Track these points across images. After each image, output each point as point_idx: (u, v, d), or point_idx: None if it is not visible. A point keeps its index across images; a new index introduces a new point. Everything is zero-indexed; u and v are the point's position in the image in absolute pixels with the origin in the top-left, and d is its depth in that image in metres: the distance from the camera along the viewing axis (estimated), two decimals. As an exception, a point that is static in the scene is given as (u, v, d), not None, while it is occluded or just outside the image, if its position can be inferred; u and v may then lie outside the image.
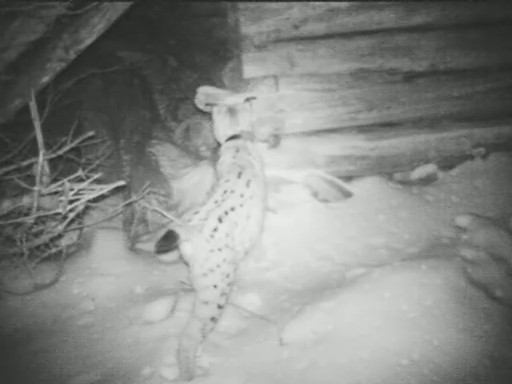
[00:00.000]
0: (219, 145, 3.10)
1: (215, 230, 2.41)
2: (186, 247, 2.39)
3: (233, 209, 2.53)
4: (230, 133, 2.97)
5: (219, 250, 2.41)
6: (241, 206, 2.58)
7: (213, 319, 2.42)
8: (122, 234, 3.39)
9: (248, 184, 2.68)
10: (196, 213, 2.49)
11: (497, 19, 3.56)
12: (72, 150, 3.26)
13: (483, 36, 3.57)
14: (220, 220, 2.45)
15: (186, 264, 2.49)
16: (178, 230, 2.34)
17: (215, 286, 2.40)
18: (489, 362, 2.26)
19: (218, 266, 2.40)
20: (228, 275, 2.44)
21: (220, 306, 2.43)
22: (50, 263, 3.10)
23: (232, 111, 2.99)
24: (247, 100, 3.04)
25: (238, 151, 2.86)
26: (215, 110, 3.04)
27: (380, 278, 2.60)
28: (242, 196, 2.61)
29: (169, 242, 2.33)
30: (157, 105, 5.30)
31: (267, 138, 3.44)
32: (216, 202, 2.53)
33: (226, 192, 2.59)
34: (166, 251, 2.43)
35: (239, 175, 2.69)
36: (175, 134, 4.80)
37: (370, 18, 3.38)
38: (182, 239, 2.35)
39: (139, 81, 5.32)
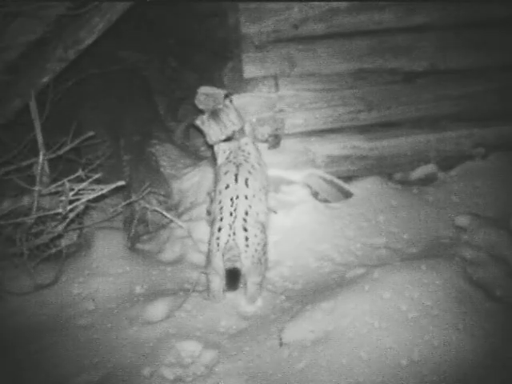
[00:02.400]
0: (211, 147, 3.14)
1: (246, 239, 2.68)
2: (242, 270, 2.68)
3: (246, 213, 2.74)
4: (223, 137, 3.06)
5: (255, 250, 2.71)
6: (250, 207, 2.77)
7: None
8: (122, 233, 3.39)
9: (247, 183, 2.84)
10: (220, 229, 2.69)
11: (497, 19, 3.56)
12: (72, 150, 3.26)
13: (483, 36, 3.57)
14: (245, 229, 2.69)
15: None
16: (237, 265, 2.61)
17: (261, 264, 2.77)
18: (489, 362, 2.26)
19: (259, 259, 2.74)
20: (266, 259, 2.84)
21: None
22: (49, 263, 3.10)
23: (215, 114, 3.04)
24: (226, 97, 3.07)
25: (231, 152, 3.02)
26: (198, 122, 3.12)
27: (380, 278, 2.60)
28: (246, 198, 2.78)
29: (233, 275, 2.62)
30: (157, 105, 5.30)
31: (267, 138, 3.44)
32: (231, 214, 2.72)
33: (232, 200, 2.76)
34: (236, 283, 2.68)
35: (236, 178, 2.84)
36: (175, 134, 4.80)
37: (370, 18, 3.38)
38: (240, 269, 2.63)
39: (139, 81, 5.32)
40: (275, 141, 3.46)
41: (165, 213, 3.42)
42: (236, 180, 2.83)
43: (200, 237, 3.30)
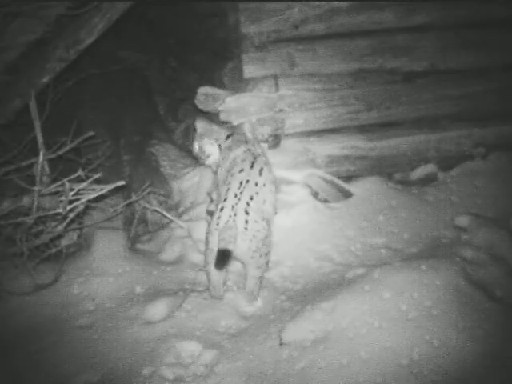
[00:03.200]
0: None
1: (246, 222, 2.69)
2: (235, 252, 2.66)
3: (251, 198, 2.76)
4: (224, 136, 3.13)
5: (254, 236, 2.71)
6: (257, 193, 2.80)
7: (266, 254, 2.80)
8: (122, 233, 3.39)
9: (261, 172, 2.89)
10: (222, 209, 2.72)
11: (497, 19, 3.56)
12: (72, 149, 3.26)
13: (483, 36, 3.57)
14: (246, 212, 2.71)
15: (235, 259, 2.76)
16: (229, 247, 2.59)
17: (260, 256, 2.76)
18: (489, 362, 2.26)
19: (258, 248, 2.73)
20: (267, 254, 2.81)
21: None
22: (50, 263, 3.10)
23: (199, 136, 3.17)
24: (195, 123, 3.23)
25: (247, 142, 3.08)
26: (196, 148, 3.21)
27: (380, 278, 2.60)
28: (256, 184, 2.82)
29: (223, 256, 2.60)
30: (157, 105, 5.30)
31: (267, 138, 3.44)
32: (236, 195, 2.75)
33: (241, 183, 2.80)
34: (224, 265, 2.67)
35: (252, 165, 2.89)
36: (175, 134, 4.80)
37: (370, 17, 3.38)
38: (232, 251, 2.62)
39: (139, 81, 5.32)
40: (275, 141, 3.46)
41: (165, 213, 3.42)
42: (252, 167, 2.88)
43: (200, 237, 3.29)
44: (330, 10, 3.32)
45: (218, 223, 2.69)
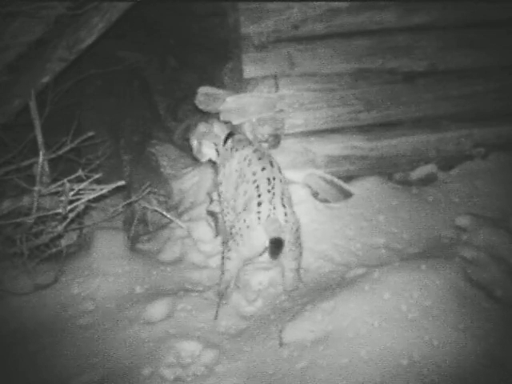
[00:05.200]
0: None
1: (285, 214, 2.73)
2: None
3: (283, 193, 2.80)
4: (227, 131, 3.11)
5: (291, 228, 2.75)
6: (285, 190, 2.83)
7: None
8: (122, 233, 3.39)
9: (279, 170, 2.91)
10: (259, 204, 2.71)
11: (497, 19, 3.56)
12: (72, 150, 3.26)
13: (483, 36, 3.57)
14: (284, 205, 2.75)
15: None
16: (281, 236, 2.65)
17: (296, 247, 2.82)
18: (489, 362, 2.26)
19: (295, 239, 2.80)
20: (300, 244, 2.86)
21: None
22: (50, 263, 3.10)
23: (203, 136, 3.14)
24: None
25: (251, 142, 3.06)
26: (195, 153, 3.23)
27: (380, 278, 2.60)
28: (281, 181, 2.85)
29: (277, 245, 2.65)
30: (157, 105, 5.30)
31: (267, 138, 3.44)
32: (269, 191, 2.76)
33: (269, 180, 2.80)
34: (279, 253, 2.70)
35: (272, 164, 2.89)
36: (175, 134, 4.80)
37: (370, 18, 3.38)
38: (284, 240, 2.68)
39: (139, 81, 5.33)
40: (275, 141, 3.46)
41: (165, 213, 3.42)
42: (272, 165, 2.87)
43: (200, 237, 3.30)
44: (329, 10, 3.32)
45: (259, 217, 2.69)
